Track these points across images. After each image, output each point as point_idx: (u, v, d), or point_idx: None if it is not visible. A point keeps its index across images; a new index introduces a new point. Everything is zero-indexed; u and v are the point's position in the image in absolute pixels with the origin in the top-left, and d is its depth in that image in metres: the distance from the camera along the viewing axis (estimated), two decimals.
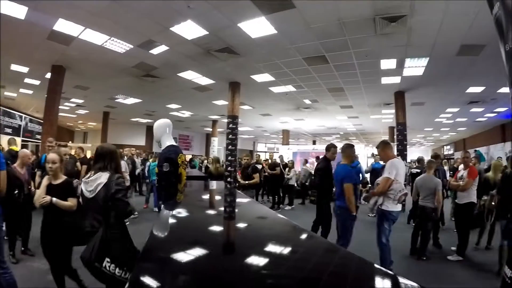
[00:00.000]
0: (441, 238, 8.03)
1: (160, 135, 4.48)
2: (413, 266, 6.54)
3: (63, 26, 9.00)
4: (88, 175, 3.49)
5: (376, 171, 12.62)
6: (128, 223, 4.62)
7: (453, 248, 7.21)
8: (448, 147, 43.22)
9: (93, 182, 3.37)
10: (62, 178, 4.25)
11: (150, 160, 13.14)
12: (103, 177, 3.37)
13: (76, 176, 8.84)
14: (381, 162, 9.27)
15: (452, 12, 7.63)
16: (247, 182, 9.29)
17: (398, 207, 5.59)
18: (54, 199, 3.94)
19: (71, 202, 4.09)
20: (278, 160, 14.96)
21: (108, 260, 3.01)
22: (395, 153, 15.85)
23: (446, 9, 7.54)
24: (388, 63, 11.48)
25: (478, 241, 7.68)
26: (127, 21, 8.71)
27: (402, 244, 7.22)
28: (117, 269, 3.02)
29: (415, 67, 11.74)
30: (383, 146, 5.87)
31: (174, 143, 4.48)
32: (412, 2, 7.37)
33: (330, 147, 7.12)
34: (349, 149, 5.80)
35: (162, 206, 3.84)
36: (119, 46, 10.34)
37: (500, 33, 2.39)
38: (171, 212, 3.23)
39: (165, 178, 4.24)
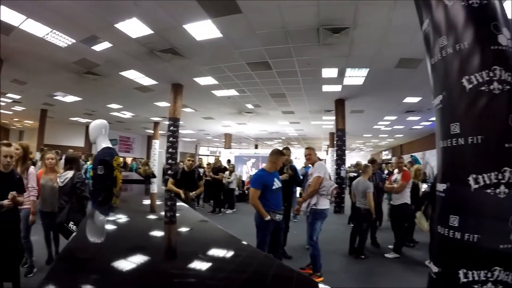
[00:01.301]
0: (378, 237, 8.46)
1: (95, 136, 4.38)
2: (352, 264, 6.83)
3: (4, 14, 8.33)
4: (62, 172, 5.61)
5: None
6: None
7: (390, 246, 7.66)
8: (386, 152, 44.96)
9: (64, 176, 5.46)
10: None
11: (88, 162, 12.87)
12: (69, 174, 5.48)
13: None
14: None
15: (393, 27, 8.01)
16: (194, 192, 7.38)
17: (327, 205, 5.95)
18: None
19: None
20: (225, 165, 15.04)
21: (72, 223, 4.44)
22: (334, 157, 16.43)
23: (387, 24, 7.91)
24: (329, 72, 11.81)
25: (410, 240, 8.26)
26: (71, 14, 8.32)
27: (342, 244, 7.52)
28: (75, 228, 4.29)
29: (356, 76, 12.16)
30: (310, 151, 6.30)
31: (110, 145, 4.37)
32: (356, 15, 7.68)
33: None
34: (273, 155, 5.73)
35: (95, 210, 3.68)
36: (61, 40, 9.82)
37: (427, 47, 2.61)
38: (102, 215, 3.18)
39: (99, 181, 4.13)
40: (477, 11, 2.28)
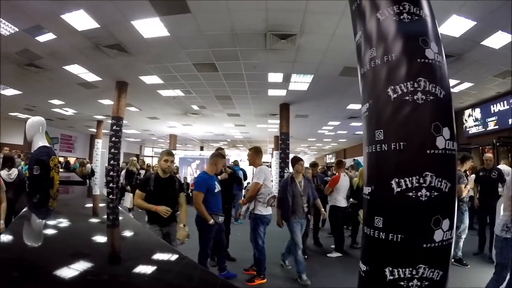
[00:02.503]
0: (321, 237, 8.80)
1: (32, 134, 4.30)
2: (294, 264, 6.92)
3: None
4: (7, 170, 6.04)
5: None
6: None
7: (332, 246, 7.91)
8: (330, 156, 46.00)
9: (12, 173, 6.03)
10: None
11: (22, 163, 12.38)
12: (15, 171, 6.12)
13: None
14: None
15: (338, 36, 8.35)
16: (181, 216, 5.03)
17: (270, 210, 5.94)
18: None
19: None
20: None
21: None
22: (279, 160, 16.63)
23: (333, 32, 8.21)
24: (275, 77, 12.07)
25: (353, 240, 8.54)
26: (17, 0, 7.82)
27: (284, 244, 7.66)
28: None
29: (300, 82, 12.48)
30: (254, 152, 6.19)
31: (47, 144, 4.28)
32: (303, 23, 7.87)
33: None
34: (214, 158, 5.78)
35: (32, 213, 3.52)
36: (3, 27, 9.19)
37: (358, 58, 2.76)
38: (42, 220, 3.07)
39: (35, 182, 4.04)
40: (407, 26, 2.42)
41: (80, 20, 8.53)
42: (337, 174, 8.29)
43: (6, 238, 2.29)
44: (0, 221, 4.94)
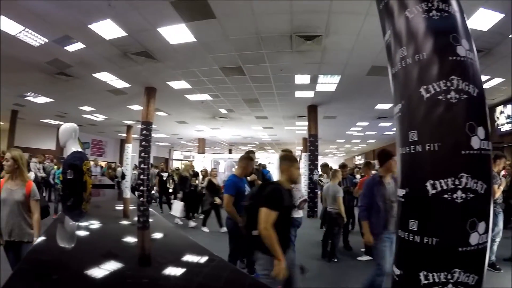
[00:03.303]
0: (351, 241, 8.57)
1: (65, 140, 4.39)
2: (325, 268, 6.91)
3: None
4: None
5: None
6: None
7: (362, 249, 7.76)
8: (359, 157, 45.45)
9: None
10: None
11: (55, 167, 12.67)
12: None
13: None
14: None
15: (364, 35, 8.19)
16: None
17: (300, 213, 5.88)
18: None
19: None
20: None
21: None
22: (307, 162, 16.50)
23: (359, 32, 8.08)
24: (302, 78, 11.98)
25: None
26: (45, 12, 8.09)
27: (315, 248, 7.59)
28: None
29: (328, 83, 12.35)
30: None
31: (80, 149, 4.36)
32: (328, 23, 7.80)
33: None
34: (243, 160, 5.78)
35: (64, 216, 3.61)
36: (34, 38, 9.53)
37: (389, 57, 2.69)
38: (75, 222, 3.17)
39: (69, 186, 4.12)
40: (437, 23, 2.36)
41: (108, 29, 8.73)
42: (366, 175, 8.17)
43: (44, 240, 2.35)
44: (34, 238, 3.84)
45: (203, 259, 1.98)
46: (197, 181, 13.61)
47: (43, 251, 2.01)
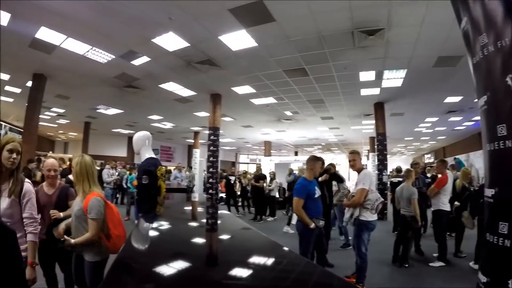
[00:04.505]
0: (423, 245, 8.09)
1: (139, 147, 4.53)
2: (396, 273, 6.59)
3: (45, 34, 8.87)
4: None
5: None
6: None
7: (435, 255, 7.31)
8: (429, 155, 43.58)
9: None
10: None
11: (127, 172, 13.20)
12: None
13: None
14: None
15: (428, 25, 7.78)
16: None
17: (375, 216, 5.62)
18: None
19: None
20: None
21: None
22: (376, 163, 16.09)
23: (422, 22, 7.70)
24: (366, 75, 11.65)
25: (457, 248, 7.75)
26: (109, 32, 8.69)
27: (385, 252, 7.32)
28: None
29: (394, 78, 11.92)
30: (355, 156, 5.87)
31: (153, 155, 4.51)
32: (389, 16, 7.52)
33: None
34: (310, 162, 5.64)
35: (141, 218, 3.76)
36: (101, 56, 10.26)
37: (468, 46, 2.48)
38: (149, 224, 3.32)
39: (144, 191, 4.25)
40: None
41: (170, 41, 9.05)
42: (441, 174, 7.66)
43: (132, 241, 2.50)
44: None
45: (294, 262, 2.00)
46: (264, 184, 13.65)
47: (128, 256, 2.09)
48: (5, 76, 12.94)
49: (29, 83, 12.77)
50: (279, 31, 8.34)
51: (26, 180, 2.97)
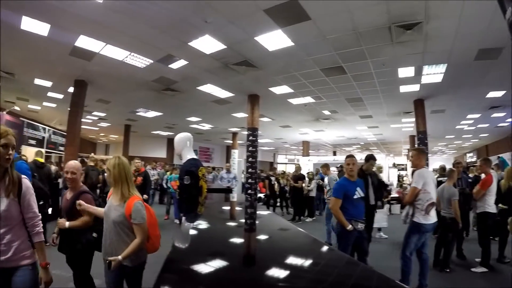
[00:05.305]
0: (465, 249, 7.74)
1: (181, 148, 4.62)
2: (436, 278, 6.28)
3: (85, 42, 9.26)
4: None
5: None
6: None
7: (478, 260, 6.99)
8: (471, 154, 42.09)
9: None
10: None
11: (167, 172, 13.45)
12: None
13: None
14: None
15: (467, 16, 7.55)
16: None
17: (430, 219, 5.39)
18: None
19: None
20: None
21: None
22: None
23: (461, 14, 7.48)
24: (406, 71, 11.43)
25: (501, 253, 7.38)
26: (147, 37, 8.92)
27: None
28: None
29: (434, 74, 11.64)
30: (419, 153, 5.71)
31: (194, 156, 4.60)
32: (427, 8, 7.38)
33: (369, 159, 7.06)
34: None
35: (183, 218, 3.84)
36: (139, 61, 10.59)
37: None
38: (192, 224, 3.42)
39: (186, 191, 4.33)
40: None
41: (207, 44, 9.23)
42: (485, 174, 7.25)
43: (174, 241, 2.61)
44: (119, 257, 2.94)
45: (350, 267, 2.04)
46: (303, 184, 13.62)
47: (180, 256, 2.18)
48: (47, 83, 13.64)
49: (71, 89, 13.34)
50: (315, 29, 8.31)
51: (23, 176, 2.69)
